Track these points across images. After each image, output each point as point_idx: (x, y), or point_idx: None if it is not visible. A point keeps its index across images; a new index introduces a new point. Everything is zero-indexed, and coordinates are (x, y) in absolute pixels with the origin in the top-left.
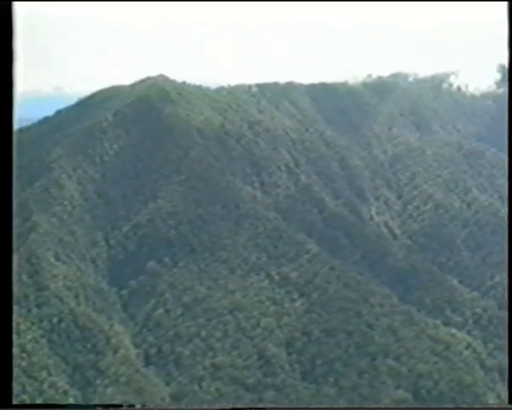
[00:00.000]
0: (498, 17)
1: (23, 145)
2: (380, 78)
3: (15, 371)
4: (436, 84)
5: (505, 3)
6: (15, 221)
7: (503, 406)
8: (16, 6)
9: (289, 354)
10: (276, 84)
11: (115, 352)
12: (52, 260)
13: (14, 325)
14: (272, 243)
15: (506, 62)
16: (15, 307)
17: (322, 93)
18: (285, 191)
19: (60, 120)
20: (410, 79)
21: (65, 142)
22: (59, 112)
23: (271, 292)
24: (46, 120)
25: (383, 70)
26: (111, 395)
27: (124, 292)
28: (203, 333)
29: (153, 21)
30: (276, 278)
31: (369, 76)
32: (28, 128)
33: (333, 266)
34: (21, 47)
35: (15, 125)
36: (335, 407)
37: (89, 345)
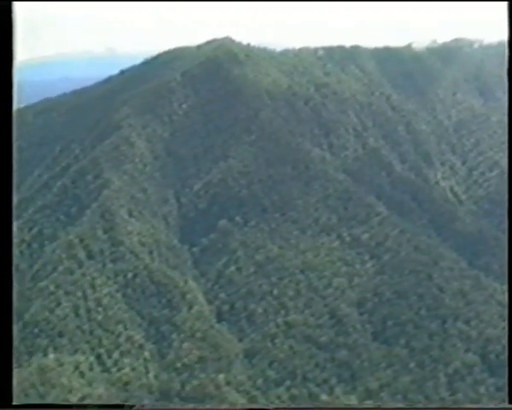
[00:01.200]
0: None
1: (89, 104)
2: (444, 43)
3: (91, 325)
4: (501, 51)
5: (505, 3)
6: (87, 178)
7: (503, 406)
8: (17, 6)
9: (361, 314)
10: (341, 47)
11: (190, 307)
12: (126, 216)
13: (89, 279)
14: (342, 205)
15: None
16: (91, 262)
17: (387, 57)
18: (353, 154)
19: (125, 80)
20: (475, 46)
21: (133, 100)
22: (123, 72)
23: (342, 253)
24: (110, 79)
25: (448, 36)
26: (187, 349)
27: (195, 249)
28: (275, 291)
29: None
30: (347, 239)
31: (434, 41)
32: (93, 87)
33: (403, 230)
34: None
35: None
36: (335, 407)
37: (164, 300)
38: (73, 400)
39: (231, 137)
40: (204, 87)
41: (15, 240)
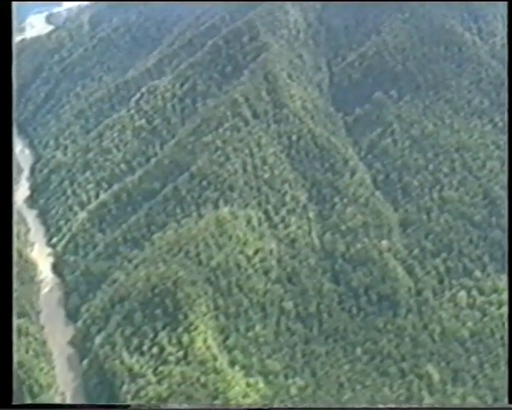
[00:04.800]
0: None
1: None
2: None
3: (258, 182)
4: None
5: (505, 3)
6: (242, 40)
7: (503, 406)
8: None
9: None
10: None
11: (352, 174)
12: (287, 80)
13: (255, 137)
14: (495, 90)
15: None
16: (256, 121)
17: None
18: (501, 41)
19: None
20: None
21: None
22: None
23: (495, 137)
24: None
25: None
26: (349, 214)
27: (348, 118)
28: (431, 167)
29: None
30: (500, 124)
31: None
32: None
33: None
34: None
35: None
36: (335, 406)
37: (327, 164)
38: (249, 253)
39: (383, 12)
40: None
41: (168, 92)
